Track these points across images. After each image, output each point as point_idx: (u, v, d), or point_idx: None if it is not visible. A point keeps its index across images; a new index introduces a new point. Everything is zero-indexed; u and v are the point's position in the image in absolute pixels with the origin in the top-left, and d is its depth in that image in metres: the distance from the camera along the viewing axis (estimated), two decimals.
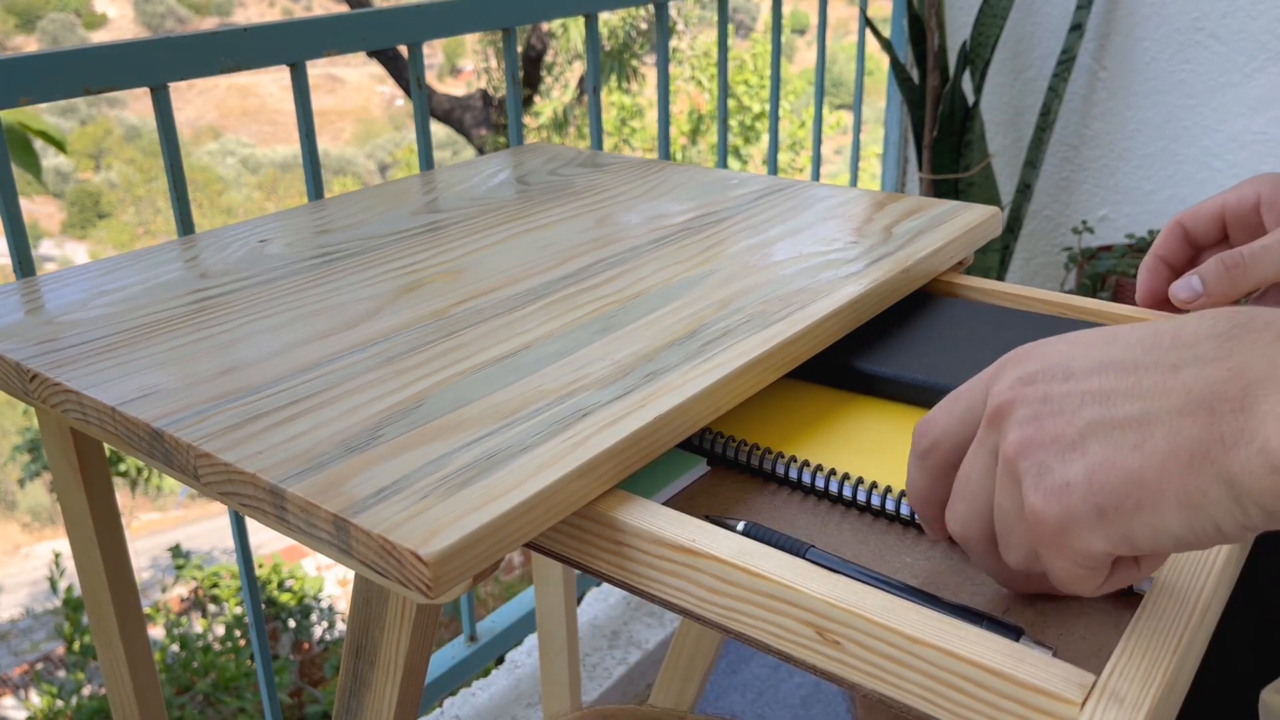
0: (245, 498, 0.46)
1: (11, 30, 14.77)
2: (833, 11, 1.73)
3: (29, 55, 0.78)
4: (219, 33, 0.88)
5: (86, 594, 0.70)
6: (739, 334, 0.57)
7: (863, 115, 1.88)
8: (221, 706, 3.23)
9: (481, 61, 8.81)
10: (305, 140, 0.99)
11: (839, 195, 0.84)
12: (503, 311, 0.62)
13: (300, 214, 0.82)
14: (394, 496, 0.43)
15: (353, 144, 14.68)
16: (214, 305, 0.63)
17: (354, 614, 0.54)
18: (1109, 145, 1.87)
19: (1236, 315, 0.35)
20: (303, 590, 3.99)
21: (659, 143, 1.39)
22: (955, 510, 0.40)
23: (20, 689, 4.94)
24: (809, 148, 7.27)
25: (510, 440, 0.47)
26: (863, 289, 0.64)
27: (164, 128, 0.88)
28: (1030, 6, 1.88)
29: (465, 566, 0.40)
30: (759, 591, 0.41)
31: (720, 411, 0.53)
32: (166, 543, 4.91)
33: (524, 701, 1.33)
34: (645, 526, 0.44)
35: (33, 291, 0.67)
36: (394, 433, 0.48)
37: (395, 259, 0.71)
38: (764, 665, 1.46)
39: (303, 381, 0.53)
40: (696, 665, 1.05)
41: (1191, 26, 1.74)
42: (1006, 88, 1.95)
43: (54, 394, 0.54)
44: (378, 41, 1.02)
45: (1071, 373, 0.36)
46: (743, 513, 0.50)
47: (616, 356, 0.55)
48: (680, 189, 0.86)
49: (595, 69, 1.27)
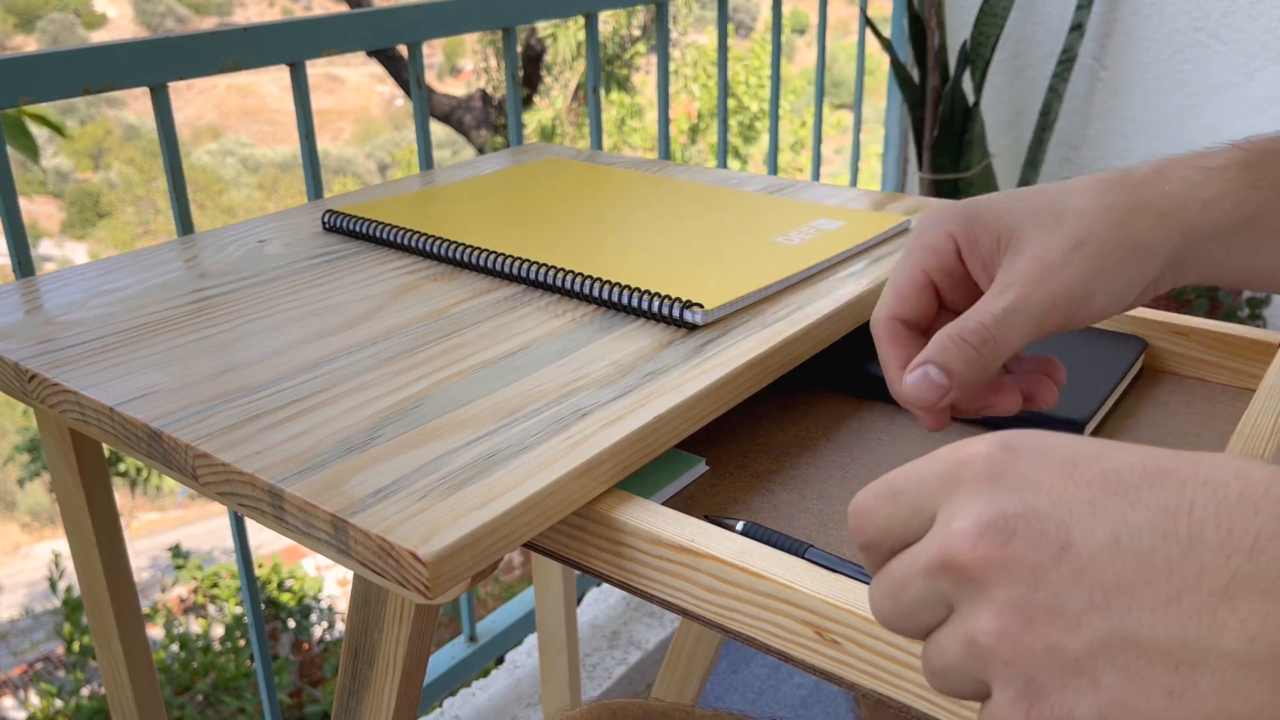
0: (244, 498, 0.46)
1: (11, 30, 14.77)
2: (833, 11, 1.73)
3: (29, 55, 0.78)
4: (219, 33, 0.88)
5: (85, 594, 0.70)
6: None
7: (863, 115, 1.88)
8: (221, 707, 3.23)
9: (481, 61, 8.82)
10: (305, 140, 0.99)
11: (839, 195, 0.84)
12: (502, 311, 0.62)
13: (299, 214, 0.82)
14: (392, 496, 0.43)
15: (353, 144, 14.68)
16: (213, 305, 0.63)
17: (353, 614, 0.54)
18: (1109, 145, 1.87)
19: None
20: (302, 590, 3.99)
21: (659, 142, 1.39)
22: (880, 609, 0.32)
23: (20, 689, 4.94)
24: (809, 147, 7.28)
25: (509, 440, 0.47)
26: (862, 289, 0.64)
27: (164, 128, 0.88)
28: (1030, 6, 1.88)
29: (464, 567, 0.40)
30: (758, 591, 0.41)
31: (720, 411, 0.53)
32: (166, 543, 4.92)
33: (524, 702, 1.33)
34: (644, 526, 0.44)
35: (32, 291, 0.67)
36: (392, 433, 0.48)
37: (395, 259, 0.71)
38: (764, 665, 1.46)
39: (301, 381, 0.53)
40: (696, 665, 1.05)
41: (1192, 26, 1.74)
42: (1007, 88, 1.95)
43: (53, 394, 0.54)
44: (378, 41, 1.02)
45: (1070, 542, 0.27)
46: (742, 513, 0.50)
47: (616, 356, 0.55)
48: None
49: (595, 69, 1.27)
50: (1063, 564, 0.26)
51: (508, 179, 0.88)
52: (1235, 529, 0.25)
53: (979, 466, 0.29)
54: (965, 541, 0.28)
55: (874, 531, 0.32)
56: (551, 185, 0.86)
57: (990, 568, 0.27)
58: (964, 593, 0.28)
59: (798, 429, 0.58)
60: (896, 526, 0.31)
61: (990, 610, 0.27)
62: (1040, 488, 0.28)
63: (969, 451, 0.29)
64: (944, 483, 0.30)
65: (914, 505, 0.30)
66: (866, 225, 0.73)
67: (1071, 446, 0.29)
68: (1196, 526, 0.25)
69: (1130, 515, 0.26)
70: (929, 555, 0.29)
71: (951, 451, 0.30)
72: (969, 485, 0.29)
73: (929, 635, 0.30)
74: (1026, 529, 0.27)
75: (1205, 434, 0.56)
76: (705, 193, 0.83)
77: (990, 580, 0.27)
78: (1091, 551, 0.26)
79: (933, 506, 0.30)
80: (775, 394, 0.61)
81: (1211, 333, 0.62)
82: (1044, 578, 0.26)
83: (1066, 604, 0.26)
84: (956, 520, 0.28)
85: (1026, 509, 0.27)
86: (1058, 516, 0.27)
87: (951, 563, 0.28)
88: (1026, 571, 0.27)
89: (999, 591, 0.27)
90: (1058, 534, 0.27)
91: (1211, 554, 0.25)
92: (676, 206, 0.80)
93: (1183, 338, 0.63)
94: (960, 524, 0.28)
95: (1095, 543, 0.26)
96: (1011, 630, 0.27)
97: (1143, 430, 0.57)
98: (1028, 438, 0.29)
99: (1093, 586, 0.26)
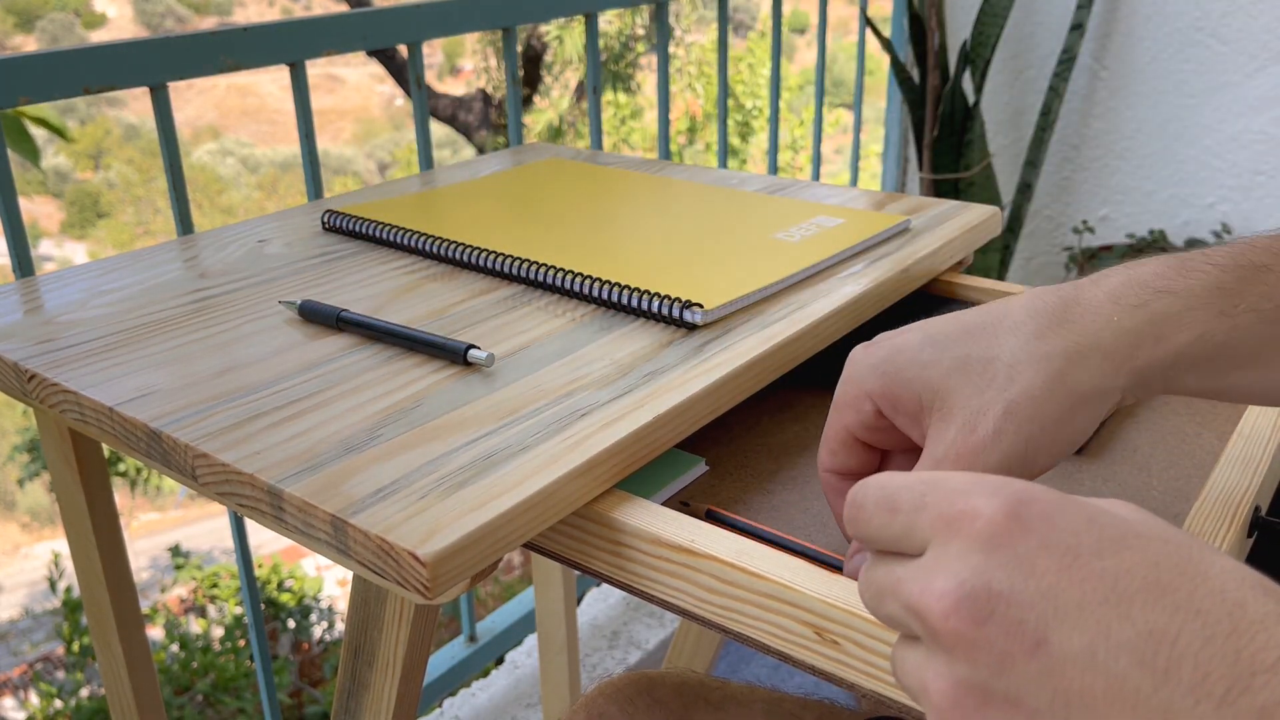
0: (243, 498, 0.46)
1: (11, 30, 14.77)
2: (833, 11, 1.73)
3: (29, 55, 0.78)
4: (219, 32, 0.88)
5: (85, 594, 0.70)
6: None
7: (863, 115, 1.88)
8: (221, 707, 3.23)
9: (481, 61, 8.82)
10: (305, 140, 0.99)
11: (839, 195, 0.84)
12: (502, 311, 0.62)
13: (299, 214, 0.81)
14: (392, 497, 0.42)
15: (352, 144, 14.68)
16: (213, 305, 0.63)
17: (352, 614, 0.54)
18: (1109, 145, 1.87)
19: None
20: (302, 590, 3.99)
21: (659, 142, 1.39)
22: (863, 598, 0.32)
23: (20, 689, 4.94)
24: (808, 147, 7.27)
25: (508, 440, 0.47)
26: (862, 289, 0.63)
27: (163, 127, 0.88)
28: (1030, 6, 1.87)
29: (463, 567, 0.40)
30: (757, 591, 0.41)
31: (719, 411, 0.53)
32: (166, 543, 4.92)
33: (524, 702, 1.33)
34: (643, 526, 0.44)
35: (32, 291, 0.67)
36: (392, 433, 0.48)
37: (395, 259, 0.71)
38: (764, 665, 1.46)
39: (301, 382, 0.53)
40: (696, 665, 1.05)
41: (1192, 26, 1.74)
42: (1007, 87, 1.95)
43: (52, 394, 0.54)
44: (378, 41, 1.02)
45: (1046, 640, 0.26)
46: (742, 512, 0.50)
47: (616, 356, 0.55)
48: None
49: (596, 69, 1.27)
50: (1033, 660, 0.26)
51: (508, 179, 0.88)
52: (1212, 674, 0.24)
53: (980, 527, 0.28)
54: (942, 606, 0.27)
55: (866, 532, 0.32)
56: (551, 185, 0.86)
57: (960, 642, 0.27)
58: (932, 646, 0.28)
59: (798, 429, 0.58)
60: (887, 538, 0.31)
61: (949, 681, 0.27)
62: (1033, 574, 0.27)
63: (976, 504, 0.28)
64: (942, 524, 0.29)
65: (908, 527, 0.30)
66: (867, 224, 0.73)
67: (1081, 532, 0.27)
68: (1175, 662, 0.25)
69: (1114, 631, 0.25)
70: (908, 595, 0.29)
71: (960, 494, 0.29)
72: (964, 541, 0.28)
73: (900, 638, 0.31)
74: (1006, 614, 0.26)
75: (1205, 434, 0.56)
76: (705, 192, 0.83)
77: (957, 654, 0.27)
78: (1065, 656, 0.26)
79: (924, 539, 0.29)
80: (775, 394, 0.61)
81: None
82: (1010, 668, 0.26)
83: (1026, 699, 0.26)
84: (941, 577, 0.28)
85: (1012, 592, 0.26)
86: (1041, 610, 0.26)
87: (925, 619, 0.28)
88: (995, 658, 0.26)
89: (963, 668, 0.27)
90: (1036, 628, 0.26)
91: (1182, 694, 0.24)
92: (676, 206, 0.79)
93: None
94: (943, 584, 0.27)
95: (1071, 649, 0.26)
96: (966, 706, 0.27)
97: (1142, 430, 0.57)
98: (1041, 509, 0.28)
99: (1056, 690, 0.26)
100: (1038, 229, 2.00)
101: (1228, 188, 1.79)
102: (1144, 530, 0.27)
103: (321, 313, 0.59)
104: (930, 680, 0.28)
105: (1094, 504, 0.28)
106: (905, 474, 0.31)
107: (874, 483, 0.32)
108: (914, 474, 0.31)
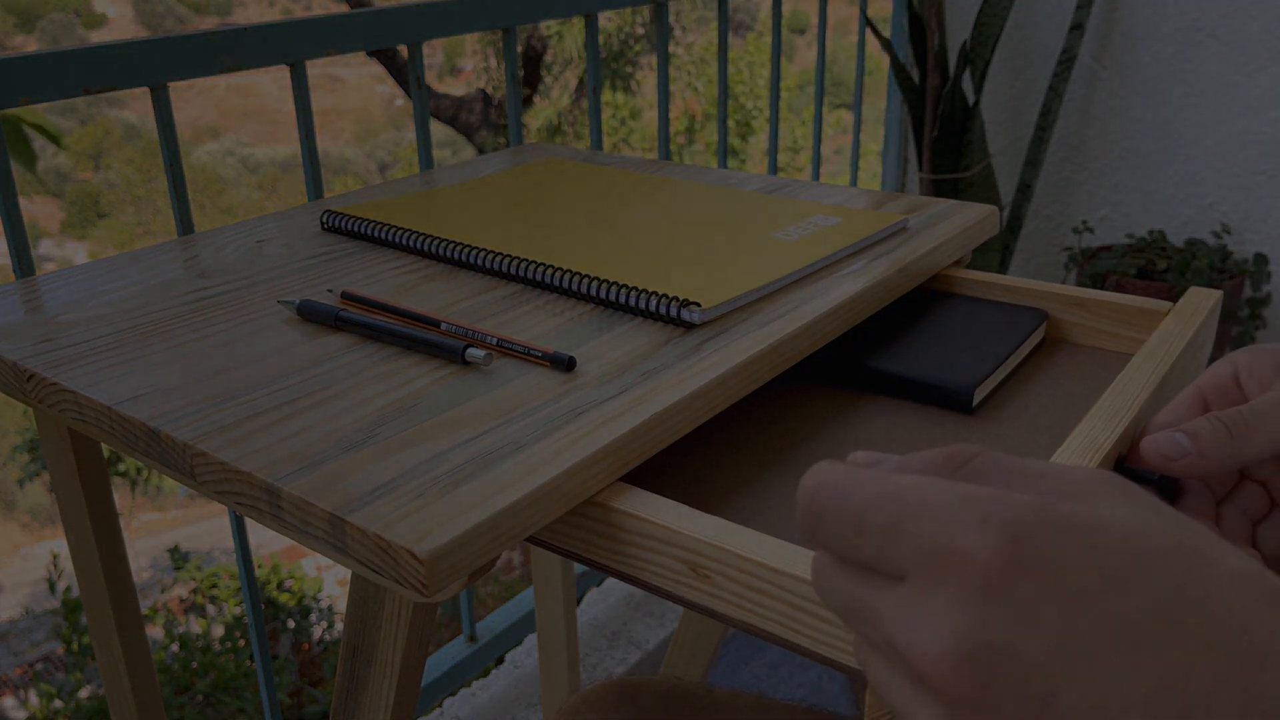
0: (242, 497, 0.46)
1: (11, 30, 14.78)
2: (833, 11, 1.73)
3: (29, 55, 0.78)
4: (219, 33, 0.88)
5: (85, 594, 0.70)
6: None
7: (863, 115, 1.88)
8: (221, 707, 3.24)
9: (481, 61, 8.82)
10: (305, 140, 0.99)
11: (839, 194, 0.84)
12: (501, 310, 0.62)
13: (299, 214, 0.82)
14: (389, 494, 0.43)
15: (353, 144, 14.68)
16: (212, 305, 0.63)
17: (351, 614, 0.54)
18: (1109, 145, 1.87)
19: None
20: (302, 590, 4.00)
21: (659, 142, 1.39)
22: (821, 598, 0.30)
23: (20, 689, 4.94)
24: (808, 147, 7.28)
25: (505, 438, 0.47)
26: (860, 287, 0.64)
27: (164, 128, 0.88)
28: (1030, 6, 1.88)
29: (461, 564, 0.40)
30: (637, 533, 0.44)
31: (717, 409, 0.53)
32: (166, 543, 4.92)
33: (524, 702, 1.33)
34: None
35: (31, 291, 0.67)
36: (389, 431, 0.48)
37: (394, 258, 0.71)
38: (764, 665, 1.46)
39: (299, 381, 0.53)
40: (696, 665, 1.05)
41: (1192, 26, 1.74)
42: (1006, 87, 1.95)
43: (51, 394, 0.54)
44: (378, 41, 1.02)
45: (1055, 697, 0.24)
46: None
47: (614, 355, 0.55)
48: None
49: (595, 69, 1.27)
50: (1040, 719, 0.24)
51: (507, 179, 0.88)
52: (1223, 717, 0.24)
53: (973, 572, 0.25)
54: (940, 669, 0.25)
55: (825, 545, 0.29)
56: (551, 185, 0.86)
57: (962, 703, 0.25)
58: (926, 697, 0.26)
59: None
60: (855, 559, 0.28)
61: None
62: (1037, 624, 0.24)
63: (966, 545, 0.25)
64: (926, 560, 0.26)
65: (880, 553, 0.27)
66: (864, 223, 0.73)
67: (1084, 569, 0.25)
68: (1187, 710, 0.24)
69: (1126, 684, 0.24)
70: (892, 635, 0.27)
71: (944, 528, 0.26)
72: (956, 586, 0.25)
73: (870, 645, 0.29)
74: (1010, 675, 0.24)
75: (1092, 394, 0.61)
76: (704, 192, 0.83)
77: (960, 713, 0.25)
78: (1075, 714, 0.24)
79: (901, 569, 0.27)
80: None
81: (1105, 303, 0.67)
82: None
83: None
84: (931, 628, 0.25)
85: (1015, 648, 0.24)
86: (1046, 666, 0.24)
87: (922, 677, 0.26)
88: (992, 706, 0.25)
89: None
90: (1043, 686, 0.24)
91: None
92: (675, 206, 0.80)
93: (1080, 308, 0.68)
94: (937, 641, 0.25)
95: (1081, 707, 0.24)
96: None
97: (1036, 394, 0.62)
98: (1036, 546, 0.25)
99: None
100: (1037, 229, 2.00)
101: (1228, 188, 1.79)
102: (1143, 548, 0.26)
103: (320, 312, 0.60)
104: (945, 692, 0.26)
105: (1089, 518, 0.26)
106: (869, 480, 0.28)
107: (832, 487, 0.28)
108: (876, 483, 0.28)
